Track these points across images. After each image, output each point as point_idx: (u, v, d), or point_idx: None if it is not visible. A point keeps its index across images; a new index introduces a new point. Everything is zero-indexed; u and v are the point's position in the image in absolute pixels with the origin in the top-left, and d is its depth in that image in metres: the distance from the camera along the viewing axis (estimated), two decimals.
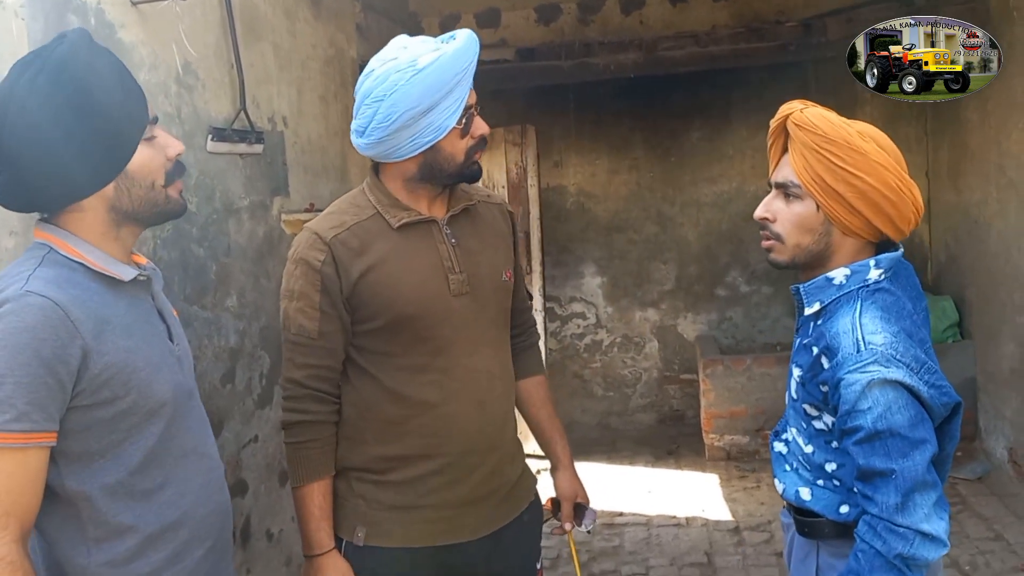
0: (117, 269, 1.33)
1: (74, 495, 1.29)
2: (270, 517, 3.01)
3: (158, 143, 1.37)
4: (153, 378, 1.33)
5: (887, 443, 1.33)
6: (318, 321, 1.65)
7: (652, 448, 5.32)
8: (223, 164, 2.76)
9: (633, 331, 5.81)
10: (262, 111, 3.04)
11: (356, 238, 1.66)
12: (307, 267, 1.65)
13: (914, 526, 1.32)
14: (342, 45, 3.92)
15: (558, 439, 1.98)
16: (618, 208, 5.71)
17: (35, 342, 1.19)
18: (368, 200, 1.72)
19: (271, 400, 3.05)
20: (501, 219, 1.86)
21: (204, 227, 2.64)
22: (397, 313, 1.64)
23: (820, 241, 1.48)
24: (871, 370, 1.34)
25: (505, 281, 1.79)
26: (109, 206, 1.32)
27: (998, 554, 3.59)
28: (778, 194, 1.52)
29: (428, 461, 1.69)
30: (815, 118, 1.47)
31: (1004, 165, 4.14)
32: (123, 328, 1.30)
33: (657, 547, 3.94)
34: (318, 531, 1.66)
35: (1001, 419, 4.34)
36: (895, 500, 1.33)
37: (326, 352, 1.67)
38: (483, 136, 1.69)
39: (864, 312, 1.41)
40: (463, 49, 1.61)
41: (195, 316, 2.57)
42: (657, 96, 5.42)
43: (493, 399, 1.73)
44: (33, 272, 1.25)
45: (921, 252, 5.34)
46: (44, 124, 1.24)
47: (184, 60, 2.53)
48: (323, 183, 3.57)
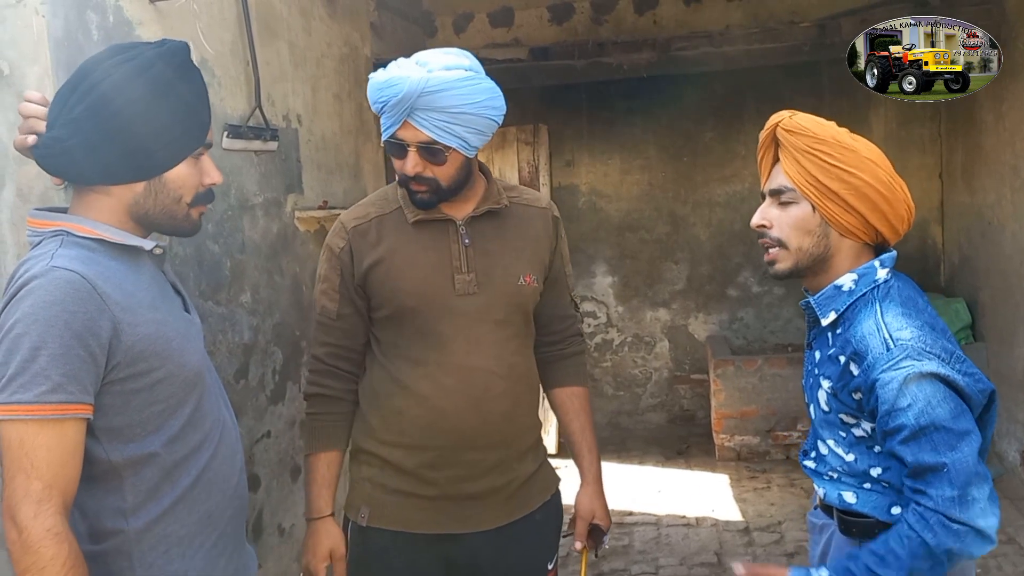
0: (136, 240, 1.36)
1: (119, 466, 1.32)
2: (282, 512, 3.03)
3: (202, 166, 1.43)
4: (184, 348, 1.37)
5: (933, 437, 1.32)
6: (337, 303, 1.77)
7: (662, 448, 5.32)
8: (238, 161, 2.78)
9: (644, 331, 5.81)
10: (277, 109, 3.06)
11: (374, 229, 1.75)
12: (330, 252, 1.78)
13: (971, 522, 1.30)
14: (356, 44, 3.93)
15: (586, 454, 1.95)
16: (630, 207, 5.71)
17: (65, 315, 1.21)
18: (396, 194, 1.79)
19: (284, 396, 3.06)
20: (540, 224, 1.85)
21: (219, 223, 2.66)
22: (399, 304, 1.72)
23: (819, 243, 1.49)
24: (905, 365, 1.33)
25: (522, 285, 1.79)
26: (133, 200, 1.36)
27: (1011, 557, 3.58)
28: (772, 202, 1.54)
29: (422, 452, 1.74)
30: (804, 121, 1.50)
31: (1019, 167, 4.12)
32: (149, 301, 1.33)
33: (667, 547, 3.94)
34: (318, 497, 1.78)
35: (1013, 422, 4.32)
36: (951, 493, 1.30)
37: (343, 332, 1.79)
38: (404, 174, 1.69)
39: (886, 311, 1.41)
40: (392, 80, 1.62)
41: (210, 312, 2.59)
42: (670, 96, 5.42)
43: (491, 398, 1.74)
44: (56, 251, 1.28)
45: (934, 254, 5.32)
46: (117, 105, 1.29)
47: (201, 57, 2.55)
48: (337, 181, 3.59)
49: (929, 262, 5.31)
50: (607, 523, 1.95)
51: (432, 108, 1.60)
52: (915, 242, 5.29)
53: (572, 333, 1.99)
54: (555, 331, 1.94)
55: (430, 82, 1.58)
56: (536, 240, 1.84)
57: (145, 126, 1.31)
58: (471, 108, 1.62)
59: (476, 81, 1.64)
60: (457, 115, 1.61)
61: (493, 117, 1.66)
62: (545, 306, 1.89)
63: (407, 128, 1.62)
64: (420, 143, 1.63)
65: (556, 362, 1.95)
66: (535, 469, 1.87)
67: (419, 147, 1.64)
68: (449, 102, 1.60)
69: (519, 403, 1.81)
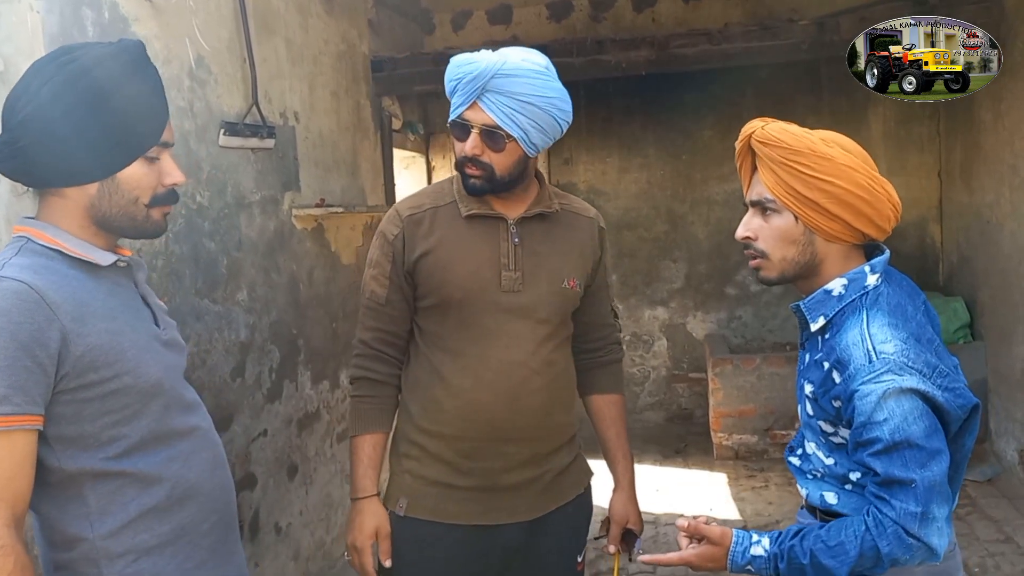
0: (93, 254, 1.34)
1: (75, 474, 1.30)
2: (279, 511, 3.03)
3: (159, 166, 1.39)
4: (142, 359, 1.34)
5: (904, 454, 1.33)
6: (387, 288, 1.80)
7: (660, 446, 5.31)
8: (235, 159, 2.77)
9: (642, 329, 5.80)
10: (274, 106, 3.05)
11: (428, 220, 1.79)
12: (383, 239, 1.81)
13: (926, 539, 1.32)
14: (354, 41, 3.92)
15: (620, 459, 1.99)
16: (628, 206, 5.70)
17: (11, 326, 1.20)
18: (451, 188, 1.83)
19: (280, 394, 3.06)
20: (587, 233, 1.90)
21: (216, 221, 2.65)
22: (446, 296, 1.76)
23: (805, 252, 1.49)
24: (885, 380, 1.33)
25: (565, 288, 1.83)
26: (88, 203, 1.34)
27: (1008, 556, 3.57)
28: (756, 212, 1.53)
29: (460, 442, 1.78)
30: (777, 132, 1.48)
31: (1018, 166, 4.12)
32: (105, 312, 1.31)
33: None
34: (364, 477, 1.81)
35: (1012, 421, 4.32)
36: (914, 509, 1.32)
37: (391, 318, 1.82)
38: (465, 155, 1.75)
39: (872, 321, 1.41)
40: (471, 58, 1.69)
41: (206, 310, 2.58)
42: (669, 94, 5.41)
43: (528, 393, 1.77)
44: (9, 260, 1.27)
45: (933, 253, 5.31)
46: (50, 109, 1.28)
47: (197, 54, 2.54)
48: (334, 178, 3.58)
49: (928, 261, 5.30)
50: (640, 528, 2.00)
51: (503, 92, 1.65)
52: (914, 241, 5.28)
53: (611, 341, 2.02)
54: (594, 339, 1.98)
55: (506, 64, 1.65)
56: (582, 247, 1.88)
57: (88, 129, 1.30)
58: (539, 101, 1.67)
59: (549, 78, 1.70)
60: (524, 104, 1.66)
61: (559, 118, 1.72)
62: (586, 313, 1.93)
63: (475, 110, 1.68)
64: (484, 126, 1.68)
65: (594, 369, 1.99)
66: (569, 462, 1.90)
67: (482, 129, 1.69)
68: (520, 88, 1.65)
69: (555, 400, 1.84)
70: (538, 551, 1.84)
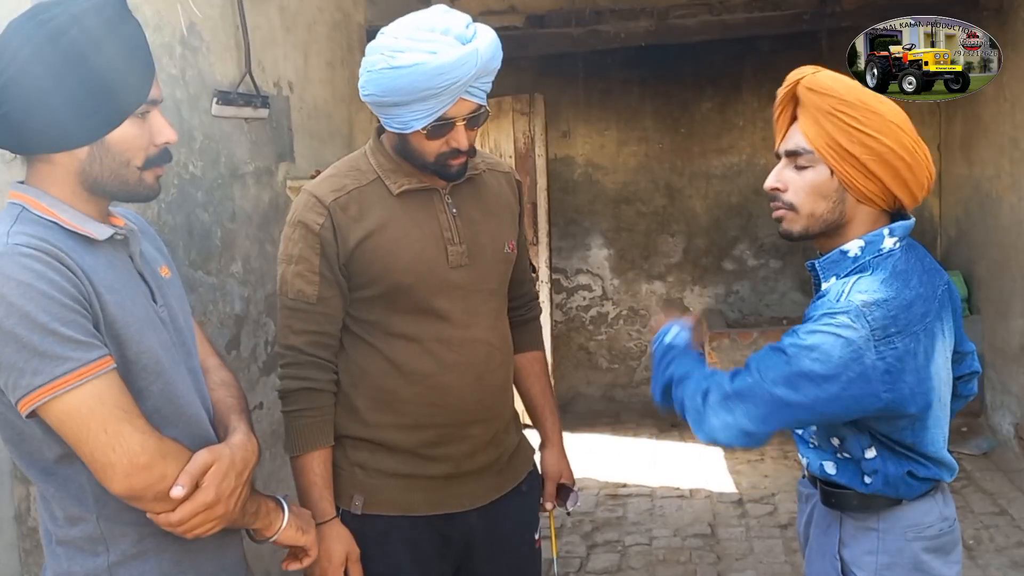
0: (91, 227, 1.31)
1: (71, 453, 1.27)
2: (275, 484, 3.02)
3: (150, 125, 1.34)
4: (144, 334, 1.31)
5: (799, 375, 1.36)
6: (318, 286, 1.63)
7: (656, 420, 5.32)
8: (228, 128, 2.73)
9: (639, 303, 5.79)
10: (268, 75, 3.01)
11: (355, 203, 1.63)
12: (306, 230, 1.62)
13: (705, 408, 1.47)
14: (349, 10, 3.87)
15: (548, 415, 1.96)
16: (626, 179, 5.67)
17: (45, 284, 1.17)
18: (370, 164, 1.69)
19: (276, 367, 3.04)
20: (508, 188, 1.82)
21: (209, 192, 2.62)
22: (394, 282, 1.63)
23: (835, 209, 1.44)
24: (837, 320, 1.34)
25: (507, 253, 1.76)
26: (79, 168, 1.30)
27: (1003, 529, 3.60)
28: (788, 163, 1.48)
29: (424, 431, 1.68)
30: (829, 80, 1.42)
31: (1018, 139, 4.09)
32: (106, 284, 1.28)
33: (661, 518, 3.95)
34: (321, 500, 1.64)
35: (1007, 394, 4.33)
36: (729, 388, 1.45)
37: (325, 318, 1.65)
38: (457, 148, 1.59)
39: (865, 278, 1.39)
40: (458, 62, 1.49)
41: (200, 282, 2.56)
42: (668, 65, 5.36)
43: (491, 370, 1.72)
44: (11, 228, 1.23)
45: (931, 226, 5.30)
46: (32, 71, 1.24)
47: (189, 21, 2.49)
48: (329, 149, 3.54)
49: (926, 235, 5.28)
50: (572, 481, 1.98)
51: (489, 71, 1.56)
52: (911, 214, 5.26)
53: (531, 298, 1.97)
54: (517, 296, 1.90)
55: (490, 43, 1.54)
56: (509, 205, 1.80)
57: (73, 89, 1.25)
58: (499, 59, 1.59)
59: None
60: (494, 71, 1.58)
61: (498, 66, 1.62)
62: (513, 271, 1.84)
63: (458, 104, 1.54)
64: (468, 114, 1.57)
65: (517, 327, 1.90)
66: (518, 440, 1.86)
67: (467, 118, 1.58)
68: (498, 59, 1.57)
69: (509, 373, 1.81)
70: (497, 533, 1.78)
